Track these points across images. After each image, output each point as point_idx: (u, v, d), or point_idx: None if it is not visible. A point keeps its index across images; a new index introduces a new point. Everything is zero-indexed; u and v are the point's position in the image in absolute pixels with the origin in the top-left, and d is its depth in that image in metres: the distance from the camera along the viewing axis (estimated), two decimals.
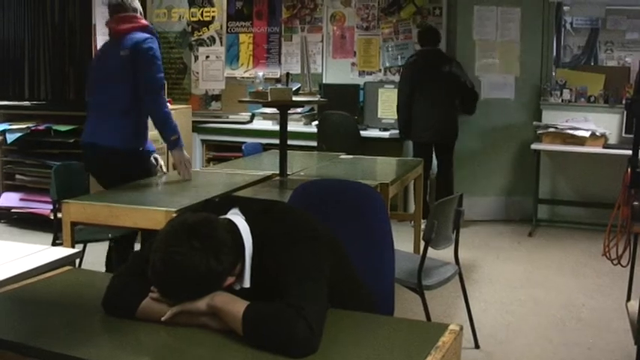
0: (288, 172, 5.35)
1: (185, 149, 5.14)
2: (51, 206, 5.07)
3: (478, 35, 8.23)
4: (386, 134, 8.05)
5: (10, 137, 7.40)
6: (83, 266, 4.30)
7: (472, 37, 8.24)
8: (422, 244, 4.21)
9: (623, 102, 7.37)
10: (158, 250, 2.20)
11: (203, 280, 2.19)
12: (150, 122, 5.09)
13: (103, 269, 5.03)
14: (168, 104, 5.13)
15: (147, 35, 5.02)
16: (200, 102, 9.17)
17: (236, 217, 2.37)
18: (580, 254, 6.82)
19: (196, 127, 8.44)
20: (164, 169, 5.52)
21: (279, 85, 6.98)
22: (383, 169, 6.16)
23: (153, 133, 5.15)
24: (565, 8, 8.41)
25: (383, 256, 3.03)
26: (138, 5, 5.22)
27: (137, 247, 5.01)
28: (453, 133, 7.70)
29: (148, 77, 4.88)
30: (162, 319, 2.21)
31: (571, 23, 8.77)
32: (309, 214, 2.54)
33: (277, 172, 5.33)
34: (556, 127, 7.61)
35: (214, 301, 2.19)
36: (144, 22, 5.19)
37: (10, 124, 7.48)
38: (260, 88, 5.63)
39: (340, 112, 7.92)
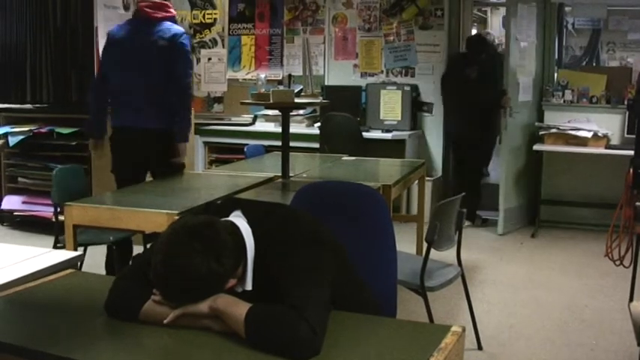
0: (290, 174, 5.35)
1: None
2: (53, 209, 5.06)
3: None
4: (388, 135, 8.05)
5: (13, 140, 7.40)
6: (84, 269, 4.29)
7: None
8: (424, 245, 4.21)
9: (625, 102, 7.37)
10: (160, 253, 2.20)
11: (205, 283, 2.19)
12: None
13: (104, 272, 5.04)
14: (190, 100, 5.46)
15: (182, 30, 5.38)
16: (202, 104, 9.18)
17: (238, 219, 2.37)
18: (583, 255, 6.82)
19: (199, 130, 8.43)
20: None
21: (281, 87, 7.00)
22: (385, 170, 6.16)
23: None
24: (567, 9, 8.41)
25: (385, 257, 3.02)
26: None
27: (138, 249, 5.01)
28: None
29: (180, 71, 5.21)
30: (165, 321, 2.21)
31: (573, 24, 8.78)
32: (311, 217, 2.54)
33: (280, 174, 5.33)
34: (558, 128, 7.61)
35: (217, 304, 2.19)
36: (174, 12, 5.55)
37: (13, 127, 7.48)
38: (262, 89, 5.64)
39: (342, 114, 7.92)
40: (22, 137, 7.42)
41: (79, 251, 4.25)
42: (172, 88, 5.19)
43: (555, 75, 8.14)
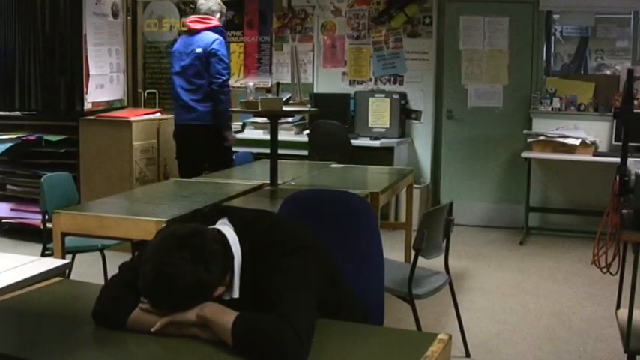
0: (278, 182, 5.35)
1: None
2: (41, 217, 5.06)
3: (465, 45, 8.29)
4: (377, 143, 8.06)
5: (1, 148, 7.38)
6: (72, 277, 4.29)
7: (459, 47, 8.31)
8: (412, 253, 4.22)
9: (613, 110, 7.40)
10: (148, 261, 2.20)
11: (192, 291, 2.19)
12: None
13: (93, 280, 5.03)
14: (229, 96, 6.60)
15: (216, 37, 6.49)
16: None
17: (225, 227, 2.37)
18: (570, 262, 6.84)
19: None
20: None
21: (269, 95, 7.01)
22: (374, 178, 6.17)
23: None
24: (555, 17, 8.43)
25: (373, 265, 3.03)
26: (216, 7, 6.71)
27: (126, 257, 5.00)
28: None
29: (214, 72, 6.43)
30: (153, 329, 2.21)
31: (561, 32, 8.79)
32: (298, 224, 2.55)
33: (268, 181, 5.33)
34: (546, 136, 7.63)
35: (204, 312, 2.20)
36: (215, 22, 6.62)
37: (1, 135, 7.46)
38: (251, 97, 5.65)
39: (331, 122, 7.92)
40: (10, 145, 7.40)
41: (68, 259, 4.24)
42: (213, 89, 6.43)
43: (543, 82, 8.16)
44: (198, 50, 6.46)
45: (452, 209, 4.48)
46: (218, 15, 6.70)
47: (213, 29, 6.60)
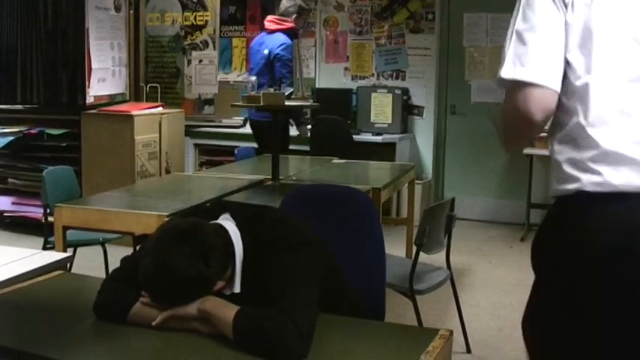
0: (280, 177, 5.35)
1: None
2: (43, 210, 5.06)
3: (468, 41, 8.28)
4: (379, 138, 8.05)
5: (3, 141, 7.38)
6: (73, 270, 4.29)
7: (462, 44, 8.31)
8: (414, 248, 4.21)
9: None
10: (148, 255, 2.20)
11: (193, 285, 2.19)
12: None
13: (94, 274, 5.03)
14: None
15: (284, 40, 6.95)
16: (193, 106, 9.16)
17: (227, 222, 2.37)
18: None
19: (189, 131, 8.42)
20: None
21: (271, 90, 6.99)
22: (375, 173, 6.17)
23: None
24: None
25: (374, 260, 3.03)
26: (293, 9, 7.14)
27: (127, 251, 5.00)
28: None
29: (278, 76, 6.84)
30: (153, 323, 2.21)
31: None
32: (300, 220, 2.54)
33: (270, 176, 5.32)
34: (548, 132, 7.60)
35: (205, 306, 2.19)
36: (289, 24, 7.07)
37: (3, 128, 7.46)
38: (253, 92, 5.63)
39: (333, 117, 7.91)
40: (12, 138, 7.40)
41: (69, 252, 4.24)
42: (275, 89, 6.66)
43: None
44: (266, 51, 7.01)
45: (453, 205, 4.48)
46: (294, 16, 7.13)
47: (286, 31, 7.06)
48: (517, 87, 2.10)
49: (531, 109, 2.07)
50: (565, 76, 2.06)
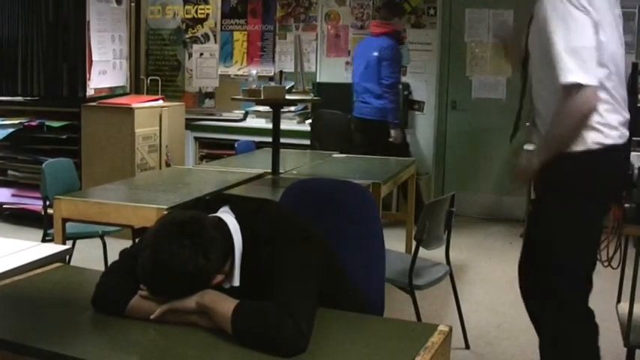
0: (280, 171, 5.35)
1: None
2: (42, 202, 5.05)
3: (470, 37, 8.28)
4: None
5: (3, 133, 7.38)
6: (72, 263, 4.29)
7: (464, 39, 8.31)
8: (414, 244, 4.21)
9: None
10: (147, 248, 2.20)
11: (192, 278, 2.19)
12: None
13: (93, 266, 5.03)
14: (396, 97, 7.41)
15: (390, 43, 7.31)
16: (194, 99, 9.16)
17: (226, 215, 2.37)
18: None
19: (190, 125, 8.43)
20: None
21: (272, 84, 6.98)
22: (375, 168, 6.16)
23: None
24: None
25: (374, 255, 3.02)
26: (396, 11, 7.55)
27: (126, 244, 5.00)
28: None
29: (384, 75, 7.25)
30: (152, 317, 2.21)
31: None
32: (299, 214, 2.54)
33: (270, 170, 5.33)
34: None
35: (204, 300, 2.19)
36: (392, 27, 7.40)
37: (3, 120, 7.46)
38: (254, 86, 5.62)
39: (334, 111, 7.91)
40: (12, 130, 7.40)
41: (68, 245, 4.24)
42: (383, 90, 7.26)
43: None
44: (375, 53, 7.27)
45: (453, 201, 4.47)
46: (396, 19, 7.44)
47: (391, 34, 7.37)
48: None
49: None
50: None
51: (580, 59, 2.90)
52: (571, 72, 2.90)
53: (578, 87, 2.90)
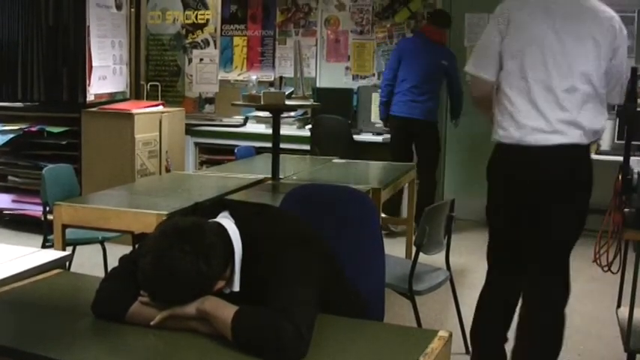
0: (280, 176, 5.35)
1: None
2: (42, 208, 5.05)
3: (469, 42, 8.28)
4: (379, 138, 8.04)
5: (3, 138, 7.38)
6: (72, 269, 4.28)
7: (463, 44, 8.31)
8: (414, 249, 4.21)
9: (616, 109, 7.36)
10: (147, 254, 2.20)
11: (192, 284, 2.19)
12: None
13: (93, 272, 5.03)
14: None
15: (452, 53, 7.67)
16: (194, 105, 9.17)
17: (226, 220, 2.37)
18: (571, 260, 6.78)
19: (190, 130, 8.43)
20: None
21: (272, 89, 6.99)
22: (375, 173, 6.16)
23: None
24: None
25: (373, 261, 3.02)
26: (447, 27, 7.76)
27: (126, 250, 5.00)
28: None
29: (459, 84, 7.62)
30: (152, 323, 2.21)
31: None
32: (299, 219, 2.54)
33: (270, 175, 5.32)
34: None
35: (204, 306, 2.19)
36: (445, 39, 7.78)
37: (3, 125, 7.46)
38: (253, 91, 5.64)
39: (333, 116, 7.92)
40: (12, 136, 7.39)
41: (68, 251, 4.24)
42: (452, 93, 7.75)
43: None
44: (444, 62, 7.51)
45: (453, 206, 4.47)
46: (446, 29, 7.76)
47: (445, 45, 7.79)
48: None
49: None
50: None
51: (475, 57, 3.88)
52: (467, 64, 3.89)
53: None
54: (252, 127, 8.62)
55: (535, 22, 3.55)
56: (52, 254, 3.21)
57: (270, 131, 5.53)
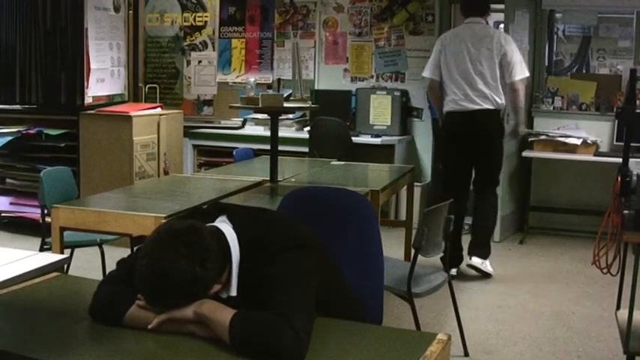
0: (279, 179, 5.34)
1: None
2: (40, 211, 5.04)
3: None
4: (378, 140, 8.04)
5: (1, 141, 7.36)
6: (70, 272, 4.28)
7: None
8: (412, 251, 4.20)
9: (615, 110, 7.37)
10: (144, 257, 2.19)
11: (189, 288, 2.18)
12: None
13: (91, 275, 5.02)
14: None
15: None
16: (192, 107, 9.16)
17: (223, 224, 2.36)
18: (571, 262, 6.82)
19: (188, 132, 8.42)
20: None
21: (270, 91, 6.98)
22: (374, 175, 6.16)
23: None
24: (557, 15, 8.42)
25: (372, 263, 3.02)
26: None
27: (125, 253, 4.99)
28: None
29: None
30: (149, 326, 2.20)
31: (563, 31, 8.77)
32: (297, 222, 2.53)
33: (268, 178, 5.32)
34: (547, 135, 7.62)
35: (201, 309, 2.18)
36: None
37: (1, 128, 7.45)
38: (252, 93, 5.62)
39: (332, 118, 7.91)
40: (10, 138, 7.39)
41: (66, 254, 4.23)
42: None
43: (545, 81, 8.15)
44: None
45: (452, 208, 4.47)
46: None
47: None
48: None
49: None
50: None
51: (428, 67, 6.42)
52: (424, 71, 6.49)
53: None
54: (250, 130, 8.62)
55: (457, 45, 6.22)
56: (50, 257, 3.21)
57: (268, 133, 5.51)
